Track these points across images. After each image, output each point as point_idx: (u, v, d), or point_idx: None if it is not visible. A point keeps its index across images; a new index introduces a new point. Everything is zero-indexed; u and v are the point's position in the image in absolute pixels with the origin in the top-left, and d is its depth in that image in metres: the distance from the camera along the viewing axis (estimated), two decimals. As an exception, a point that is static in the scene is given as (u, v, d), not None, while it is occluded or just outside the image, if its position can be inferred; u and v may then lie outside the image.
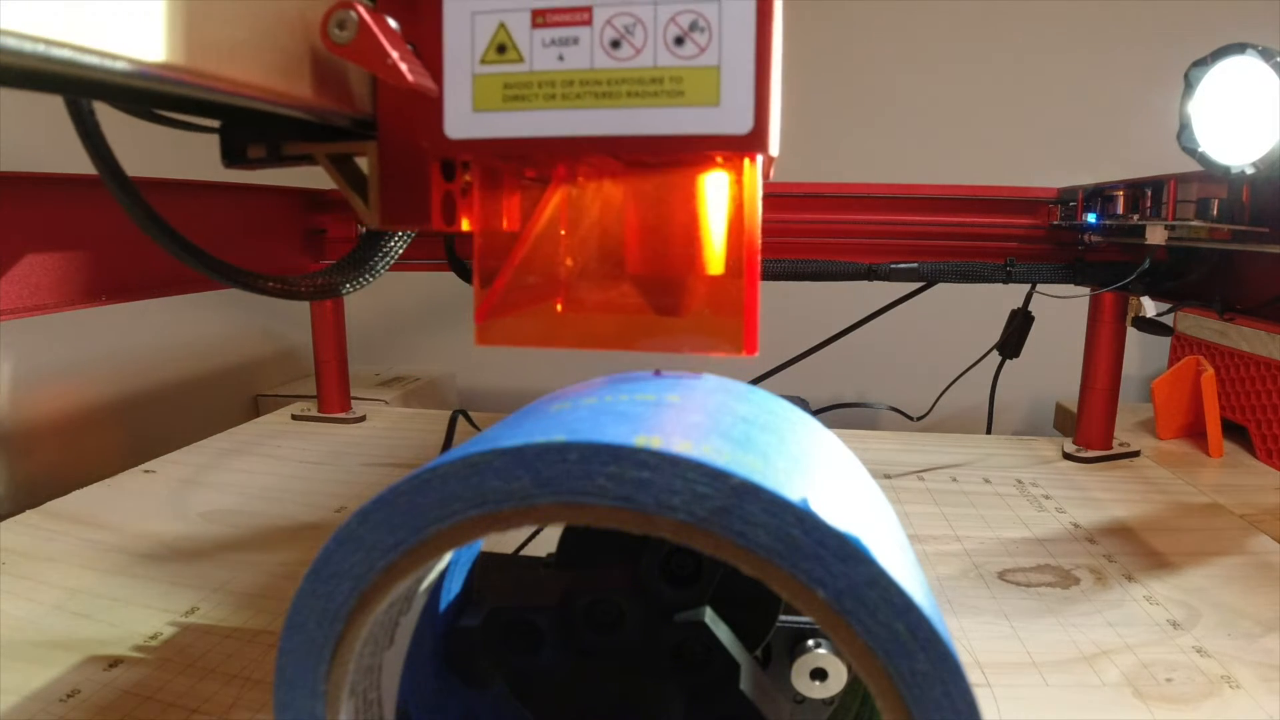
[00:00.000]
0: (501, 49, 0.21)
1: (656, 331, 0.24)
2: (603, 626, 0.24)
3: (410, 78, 0.20)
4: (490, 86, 0.21)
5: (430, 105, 0.22)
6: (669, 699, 0.24)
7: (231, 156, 0.26)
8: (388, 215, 0.24)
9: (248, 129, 0.25)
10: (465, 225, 0.25)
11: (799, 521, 0.16)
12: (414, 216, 0.24)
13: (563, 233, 0.25)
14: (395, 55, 0.20)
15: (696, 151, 0.21)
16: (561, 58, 0.21)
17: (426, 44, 0.22)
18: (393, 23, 0.21)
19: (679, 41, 0.20)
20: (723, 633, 0.24)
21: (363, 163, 0.25)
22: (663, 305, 0.24)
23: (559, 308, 0.25)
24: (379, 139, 0.24)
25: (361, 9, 0.20)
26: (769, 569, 0.16)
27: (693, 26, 0.20)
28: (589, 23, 0.21)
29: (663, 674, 0.24)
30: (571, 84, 0.21)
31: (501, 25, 0.21)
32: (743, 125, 0.20)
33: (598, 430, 0.17)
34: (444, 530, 0.17)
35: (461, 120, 0.22)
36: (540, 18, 0.21)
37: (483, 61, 0.21)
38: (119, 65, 0.16)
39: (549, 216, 0.24)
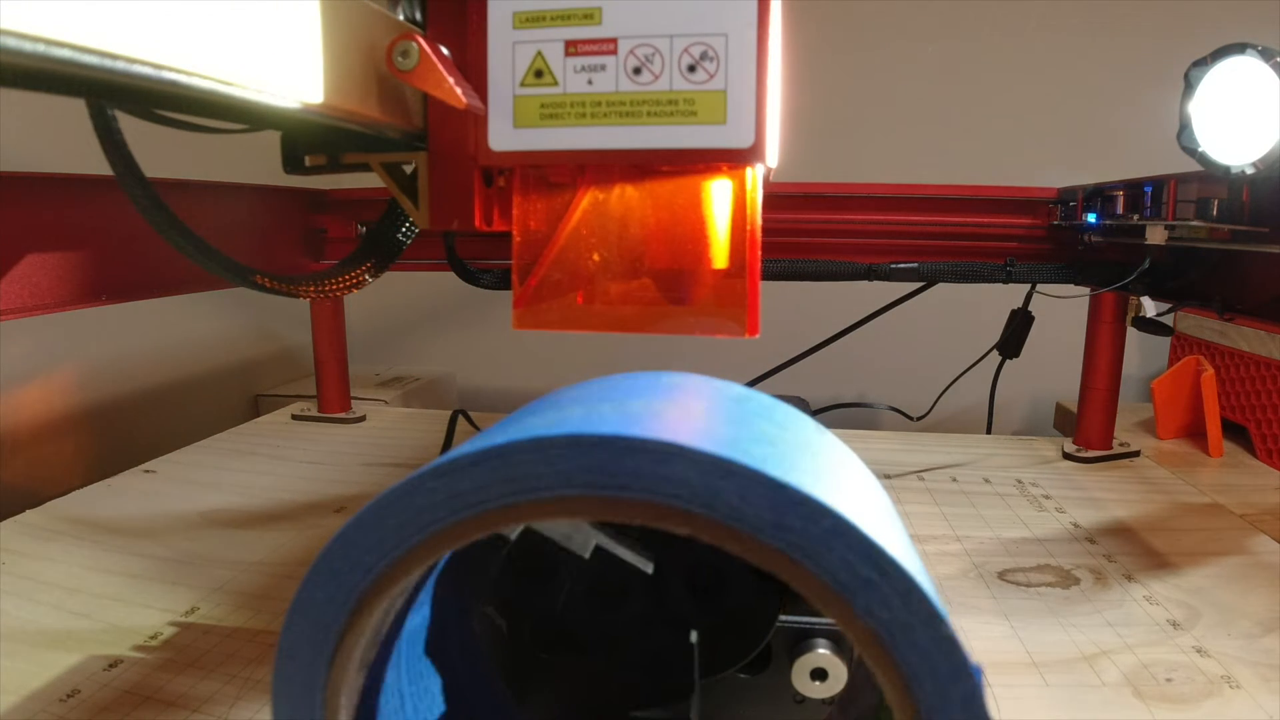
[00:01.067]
0: (539, 74, 0.25)
1: (671, 318, 0.27)
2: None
3: (464, 100, 0.24)
4: (529, 106, 0.25)
5: (476, 121, 0.26)
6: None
7: (292, 164, 0.29)
8: (436, 217, 0.27)
9: (308, 140, 0.29)
10: (501, 226, 0.28)
11: (876, 563, 0.15)
12: (459, 218, 0.27)
13: (591, 231, 0.28)
14: (452, 80, 0.23)
15: (706, 163, 0.25)
16: (591, 82, 0.24)
17: (472, 69, 0.25)
18: (444, 50, 0.24)
19: (692, 69, 0.24)
20: (623, 552, 0.24)
21: (409, 170, 0.28)
22: (676, 296, 0.27)
23: (579, 300, 0.28)
24: (429, 150, 0.27)
25: (422, 40, 0.23)
26: (837, 605, 0.16)
27: (703, 56, 0.24)
28: (614, 52, 0.24)
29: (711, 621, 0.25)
30: (599, 104, 0.25)
31: (539, 53, 0.25)
32: (746, 140, 0.24)
33: (673, 430, 0.17)
34: (447, 529, 0.17)
35: (504, 135, 0.25)
36: (572, 48, 0.25)
37: (522, 85, 0.25)
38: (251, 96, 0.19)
39: (577, 218, 0.27)
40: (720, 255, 0.26)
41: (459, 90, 0.24)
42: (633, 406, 0.19)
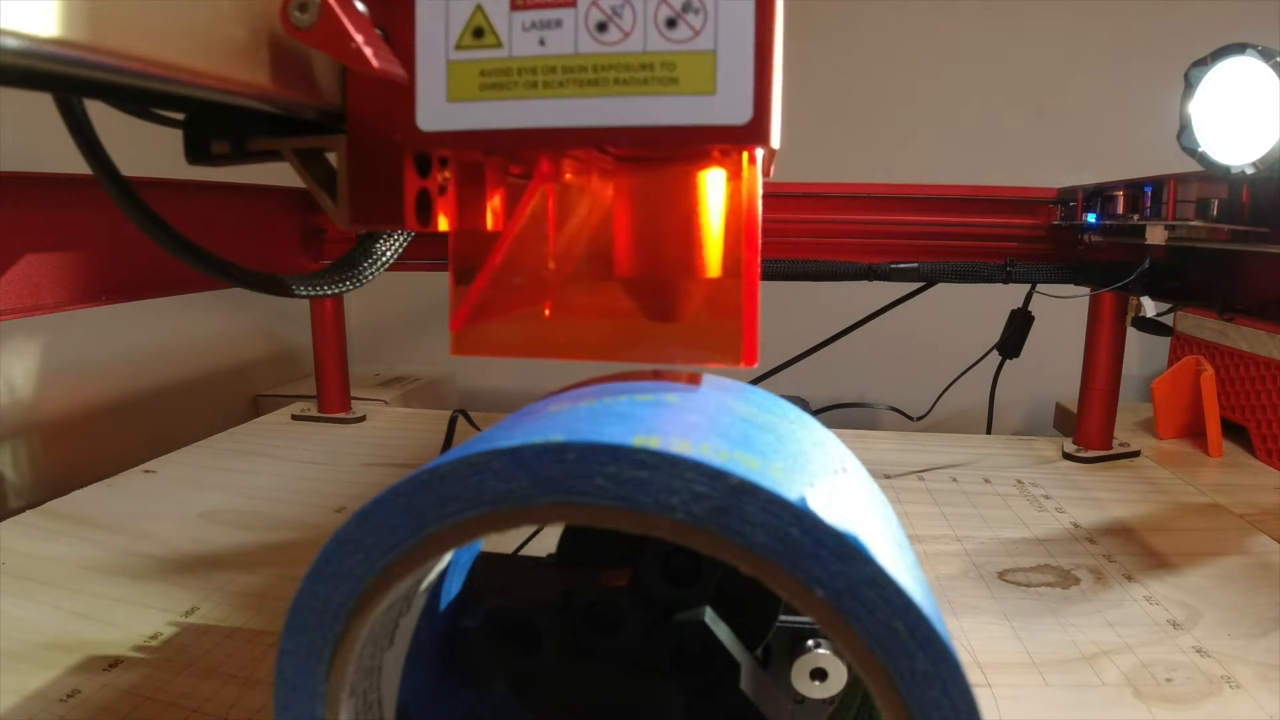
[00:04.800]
0: (478, 33, 0.20)
1: (648, 340, 0.23)
2: (603, 627, 0.24)
3: (376, 63, 0.19)
4: (466, 74, 0.20)
5: (402, 95, 0.20)
6: (669, 699, 0.24)
7: (196, 153, 0.24)
8: (357, 214, 0.22)
9: (212, 124, 0.24)
10: (443, 225, 0.23)
11: (797, 520, 0.15)
12: (386, 215, 0.22)
13: (551, 232, 0.24)
14: (360, 39, 0.19)
15: (691, 144, 0.20)
16: (543, 42, 0.19)
17: (399, 29, 0.20)
18: (360, 5, 0.20)
19: (671, 24, 0.19)
20: (723, 632, 0.24)
21: (333, 159, 0.23)
22: (655, 311, 0.23)
23: (546, 313, 0.24)
24: (348, 132, 0.22)
25: None
26: (767, 568, 0.16)
27: (686, 8, 0.19)
28: (573, 4, 0.19)
29: (663, 674, 0.24)
30: (554, 71, 0.19)
31: (478, 7, 0.20)
32: (741, 115, 0.19)
33: (596, 430, 0.17)
34: (443, 531, 0.17)
35: (435, 111, 0.20)
36: None
37: (458, 47, 0.20)
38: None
39: (531, 215, 0.23)
40: (709, 263, 0.22)
41: (369, 51, 0.19)
42: (617, 409, 0.19)
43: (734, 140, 0.19)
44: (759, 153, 0.21)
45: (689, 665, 0.24)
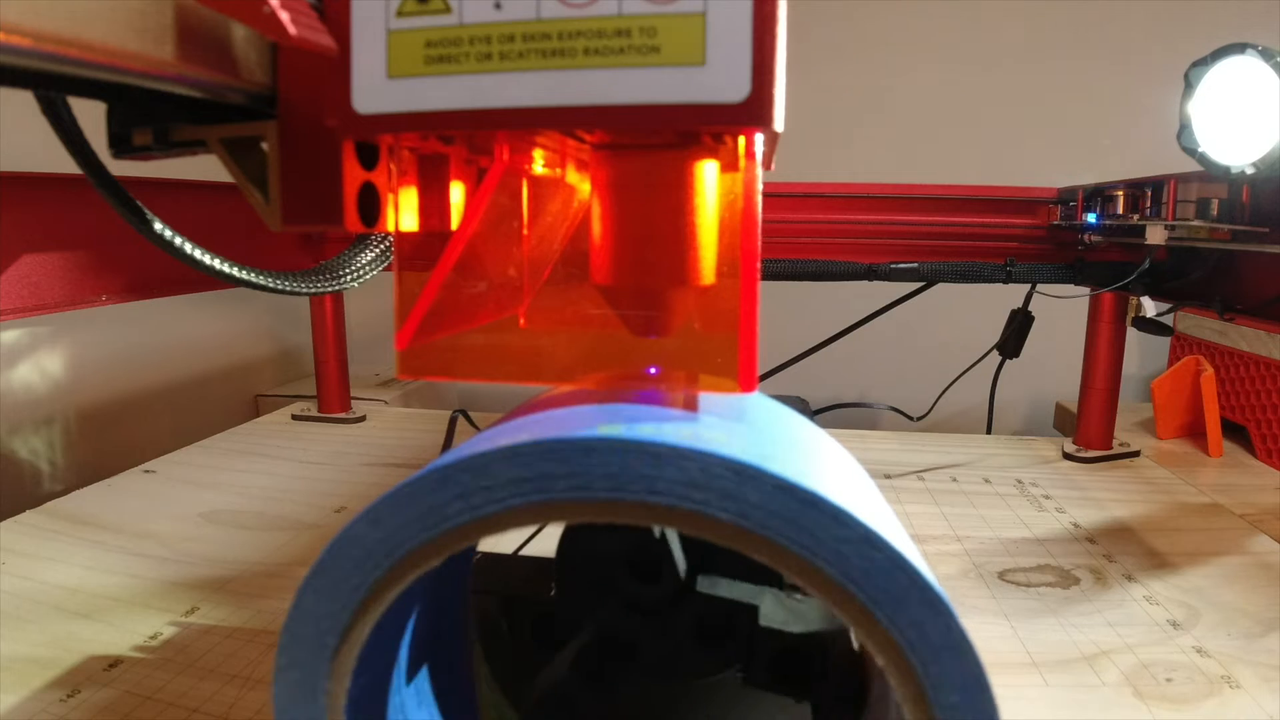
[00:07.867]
0: None
1: (631, 359, 0.20)
2: (624, 650, 0.24)
3: (293, 30, 0.16)
4: (409, 45, 0.17)
5: (337, 73, 0.17)
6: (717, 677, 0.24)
7: (118, 145, 0.21)
8: (291, 212, 0.19)
9: (133, 111, 0.21)
10: (403, 226, 0.21)
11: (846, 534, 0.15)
12: (323, 213, 0.20)
13: (525, 232, 0.21)
14: (275, 2, 0.16)
15: (675, 126, 0.16)
16: (499, 5, 0.16)
17: None
18: None
19: None
20: (725, 589, 0.24)
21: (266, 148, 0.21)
22: (639, 324, 0.20)
23: (522, 322, 0.21)
24: (279, 117, 0.19)
25: None
26: (783, 555, 0.16)
27: None
28: None
29: (704, 661, 0.24)
30: (512, 40, 0.16)
31: None
32: (736, 91, 0.16)
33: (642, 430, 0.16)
34: (450, 531, 0.17)
35: (374, 90, 0.17)
36: None
37: (399, 13, 0.17)
38: None
39: (487, 212, 0.20)
40: (699, 269, 0.19)
41: (285, 15, 0.16)
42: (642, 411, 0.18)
43: (728, 121, 0.16)
44: (758, 138, 0.18)
45: (717, 636, 0.24)
